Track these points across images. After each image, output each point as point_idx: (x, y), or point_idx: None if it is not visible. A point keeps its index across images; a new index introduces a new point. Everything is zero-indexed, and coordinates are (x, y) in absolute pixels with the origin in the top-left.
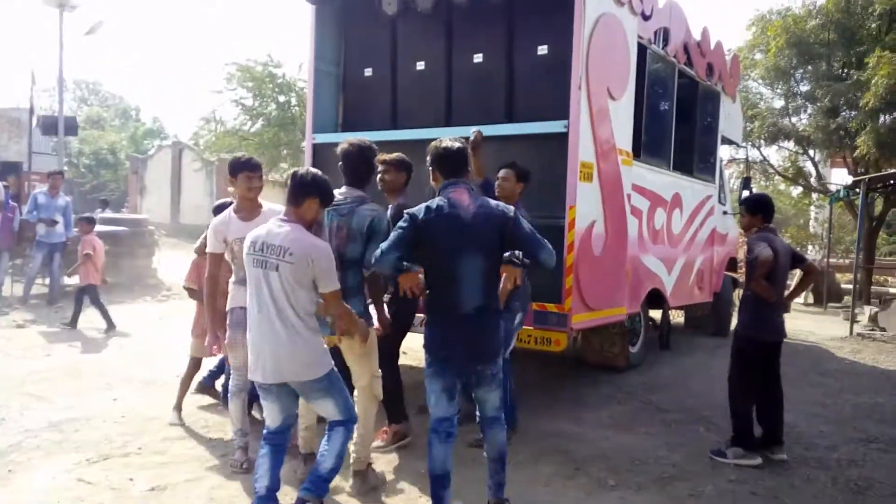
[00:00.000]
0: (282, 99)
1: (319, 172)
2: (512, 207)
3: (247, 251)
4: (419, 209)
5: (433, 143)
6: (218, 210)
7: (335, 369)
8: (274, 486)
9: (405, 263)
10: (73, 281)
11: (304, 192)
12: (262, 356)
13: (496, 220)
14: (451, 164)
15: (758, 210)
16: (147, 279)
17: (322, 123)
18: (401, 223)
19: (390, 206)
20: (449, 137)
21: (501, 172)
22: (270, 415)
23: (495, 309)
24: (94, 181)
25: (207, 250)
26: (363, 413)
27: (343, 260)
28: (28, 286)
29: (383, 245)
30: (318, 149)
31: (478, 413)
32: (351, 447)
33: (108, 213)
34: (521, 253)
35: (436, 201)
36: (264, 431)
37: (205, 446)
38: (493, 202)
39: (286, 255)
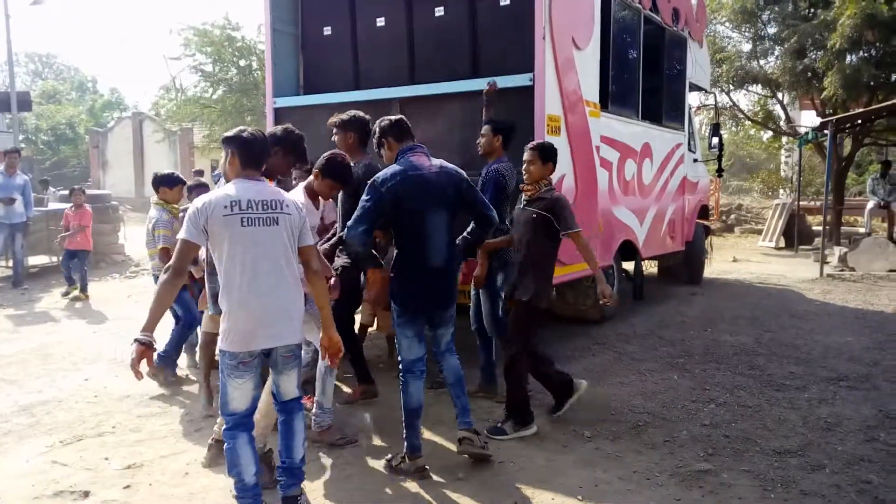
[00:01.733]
0: (242, 63)
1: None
2: (462, 170)
3: (228, 212)
4: (380, 177)
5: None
6: (195, 189)
7: None
8: (259, 472)
9: (376, 258)
10: (38, 261)
11: (257, 149)
12: (269, 319)
13: (455, 177)
14: (399, 129)
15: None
16: (113, 255)
17: (283, 86)
18: (364, 196)
19: (355, 165)
20: None
21: (482, 129)
22: (244, 394)
23: (456, 257)
24: (54, 157)
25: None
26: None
27: None
28: None
29: (351, 220)
30: (280, 113)
31: (434, 349)
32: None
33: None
34: (465, 236)
35: (396, 166)
36: (231, 416)
37: (179, 421)
38: (448, 164)
39: (284, 207)
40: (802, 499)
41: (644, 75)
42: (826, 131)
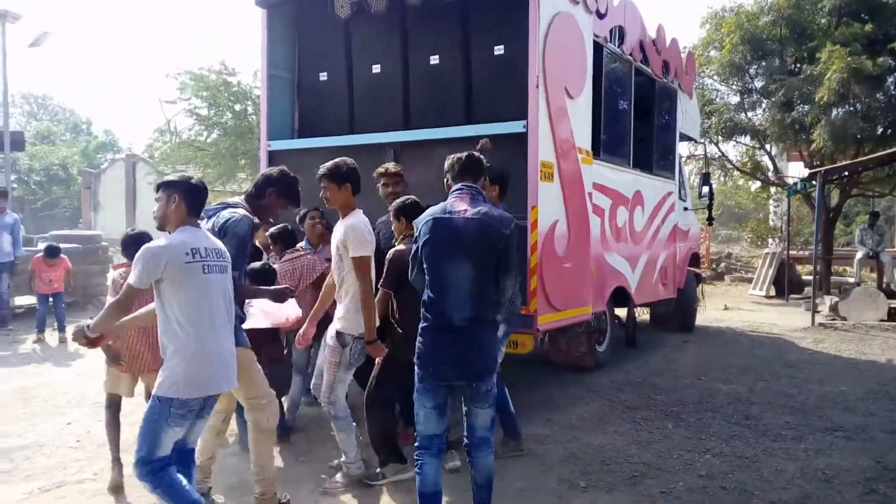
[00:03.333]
0: (238, 107)
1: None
2: (513, 222)
3: (190, 259)
4: (420, 218)
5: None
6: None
7: None
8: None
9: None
10: (24, 301)
11: (203, 198)
12: (224, 363)
13: (492, 230)
14: (458, 168)
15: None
16: (101, 296)
17: (277, 130)
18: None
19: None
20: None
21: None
22: (175, 439)
23: (490, 321)
24: (46, 198)
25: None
26: (253, 448)
27: None
28: None
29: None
30: (274, 156)
31: (465, 435)
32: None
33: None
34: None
35: (435, 207)
36: (160, 461)
37: None
38: (496, 212)
39: (226, 256)
40: None
41: (635, 125)
42: (814, 182)
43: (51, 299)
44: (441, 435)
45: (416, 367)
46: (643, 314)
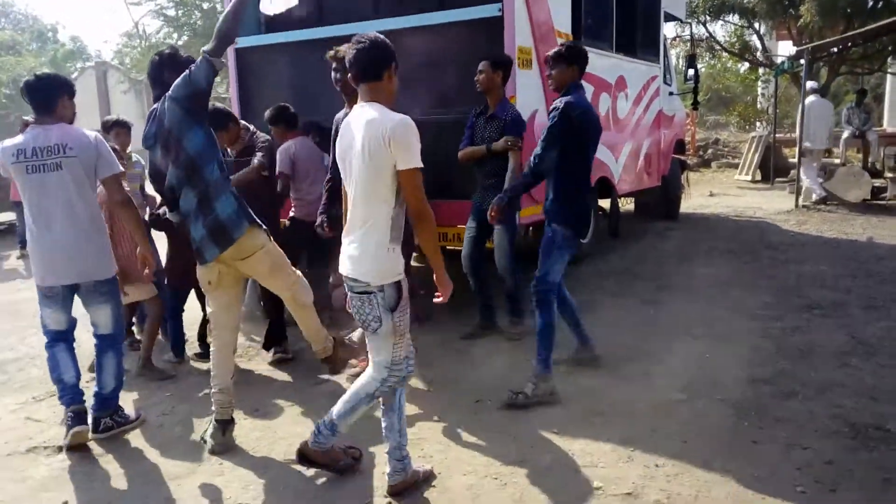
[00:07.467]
0: (206, 6)
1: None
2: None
3: (13, 161)
4: (570, 107)
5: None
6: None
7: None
8: (78, 376)
9: None
10: (5, 218)
11: (56, 93)
12: (59, 260)
13: None
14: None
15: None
16: None
17: (244, 26)
18: (556, 122)
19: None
20: None
21: (479, 66)
22: (55, 320)
23: None
24: (17, 111)
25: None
26: (304, 325)
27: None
28: None
29: (541, 147)
30: (241, 53)
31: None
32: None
33: None
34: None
35: (577, 98)
36: (48, 333)
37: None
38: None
39: (67, 151)
40: (776, 425)
41: (617, 5)
42: (802, 61)
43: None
44: None
45: (567, 228)
46: (627, 203)
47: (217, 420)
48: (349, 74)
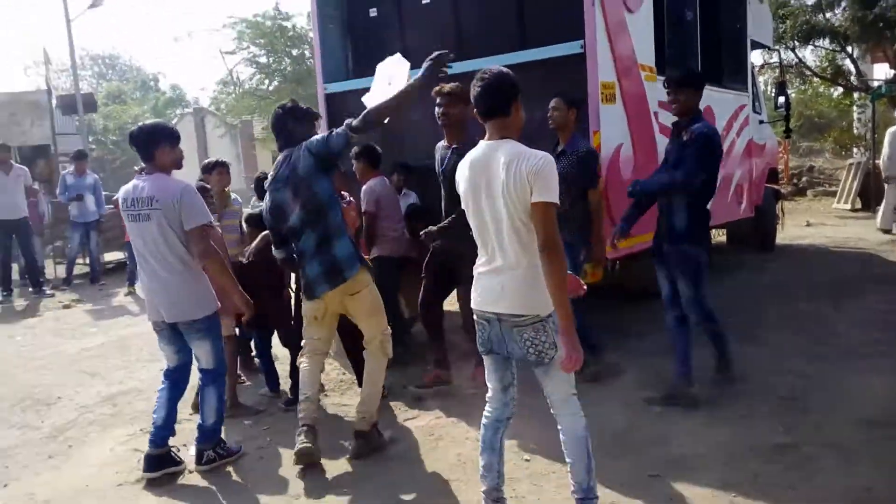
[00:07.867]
0: (295, 53)
1: (153, 122)
2: None
3: (123, 208)
4: (716, 133)
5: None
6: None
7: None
8: (172, 419)
9: None
10: (113, 257)
11: (155, 143)
12: (152, 301)
13: None
14: None
15: None
16: None
17: (332, 72)
18: (706, 147)
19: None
20: None
21: (552, 103)
22: (167, 354)
23: None
24: (124, 156)
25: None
26: (372, 372)
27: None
28: (69, 267)
29: (693, 168)
30: (330, 99)
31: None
32: (355, 407)
33: None
34: None
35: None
36: (166, 368)
37: (252, 406)
38: None
39: (154, 203)
40: (893, 472)
41: (701, 35)
42: None
43: None
44: None
45: (702, 248)
46: (720, 235)
47: (302, 425)
48: (475, 110)
